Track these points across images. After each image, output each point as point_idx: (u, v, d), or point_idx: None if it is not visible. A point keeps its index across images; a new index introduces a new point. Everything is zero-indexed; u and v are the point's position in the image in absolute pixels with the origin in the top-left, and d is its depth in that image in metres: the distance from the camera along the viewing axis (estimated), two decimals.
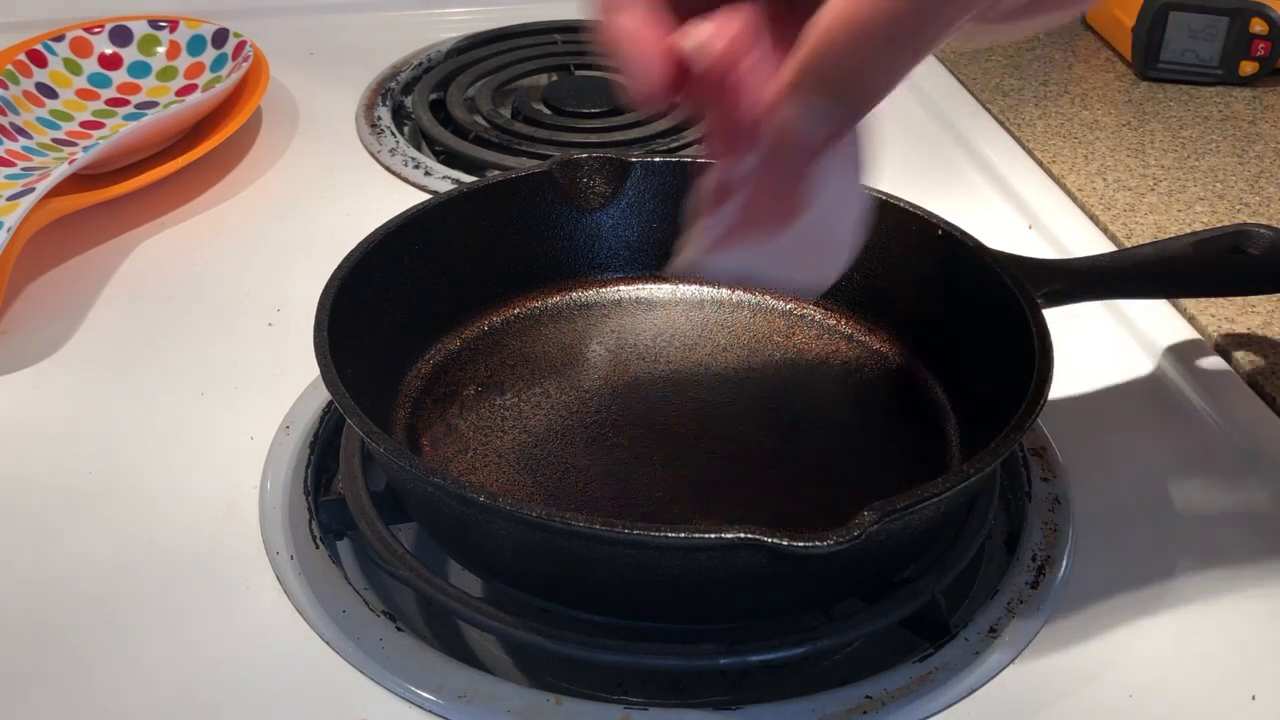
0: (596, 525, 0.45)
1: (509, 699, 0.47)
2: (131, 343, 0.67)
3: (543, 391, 0.60)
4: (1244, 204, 0.81)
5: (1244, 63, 0.95)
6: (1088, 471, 0.60)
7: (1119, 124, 0.91)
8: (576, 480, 0.55)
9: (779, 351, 0.64)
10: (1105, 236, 0.78)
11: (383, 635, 0.50)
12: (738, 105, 0.39)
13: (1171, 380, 0.66)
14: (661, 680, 0.51)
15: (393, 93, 0.93)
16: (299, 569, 0.53)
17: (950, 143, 0.89)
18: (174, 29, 0.90)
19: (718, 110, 0.41)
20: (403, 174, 0.83)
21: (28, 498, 0.57)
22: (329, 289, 0.55)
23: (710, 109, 0.41)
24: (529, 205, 0.65)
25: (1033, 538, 0.55)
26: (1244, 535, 0.57)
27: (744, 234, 0.44)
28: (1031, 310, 0.56)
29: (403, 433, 0.58)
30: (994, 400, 0.54)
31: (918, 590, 0.50)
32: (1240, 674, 0.50)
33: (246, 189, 0.81)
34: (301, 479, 0.57)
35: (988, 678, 0.49)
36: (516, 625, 0.48)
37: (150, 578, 0.53)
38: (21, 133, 0.81)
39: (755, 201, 0.43)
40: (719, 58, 0.39)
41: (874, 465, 0.57)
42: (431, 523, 0.52)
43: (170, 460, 0.59)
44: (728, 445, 0.58)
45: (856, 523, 0.43)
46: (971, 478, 0.48)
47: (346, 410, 0.49)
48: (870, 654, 0.53)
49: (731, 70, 0.39)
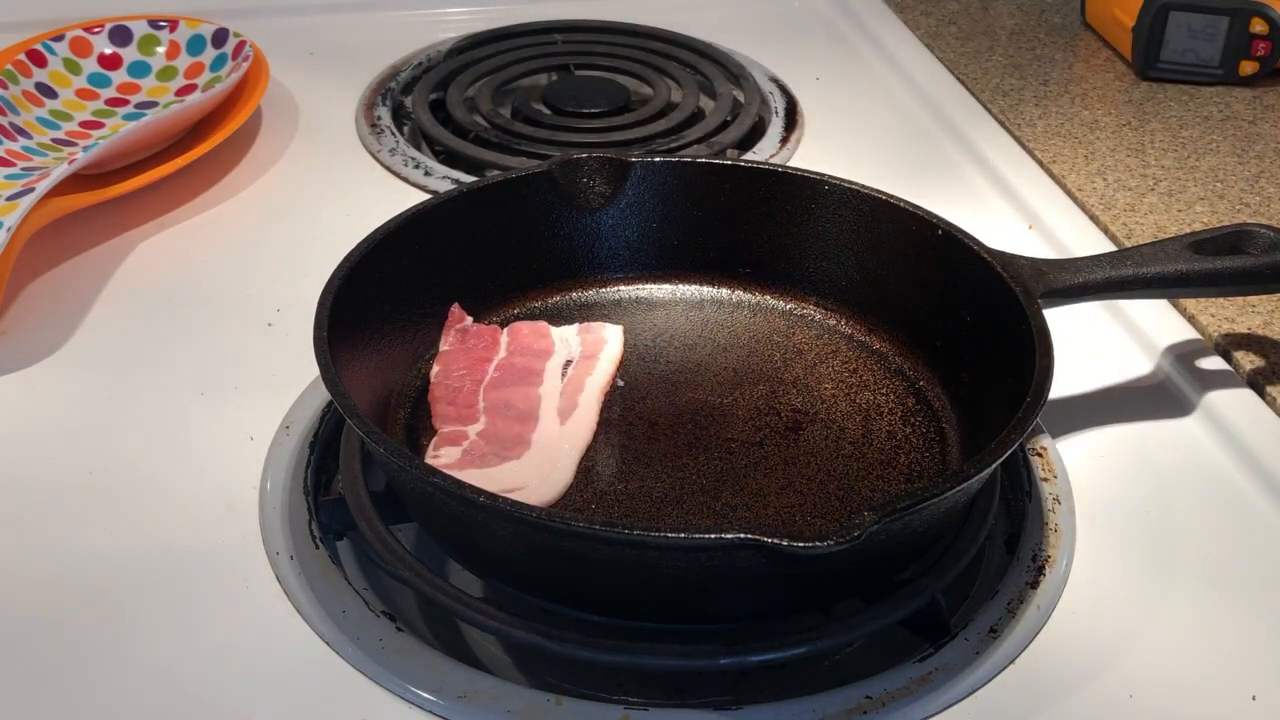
0: (596, 526, 0.45)
1: (509, 699, 0.47)
2: (131, 343, 0.67)
3: None
4: (1244, 204, 0.81)
5: (1244, 63, 0.95)
6: (1088, 471, 0.60)
7: (1119, 124, 0.91)
8: (576, 480, 0.55)
9: (779, 351, 0.64)
10: (1105, 236, 0.78)
11: (383, 635, 0.50)
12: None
13: (1171, 380, 0.66)
14: (661, 680, 0.51)
15: (393, 93, 0.93)
16: (299, 569, 0.53)
17: (950, 143, 0.89)
18: (174, 29, 0.90)
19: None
20: (403, 174, 0.83)
21: (28, 498, 0.57)
22: (329, 289, 0.55)
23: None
24: (529, 205, 0.65)
25: (1033, 538, 0.55)
26: (1244, 535, 0.57)
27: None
28: (1031, 310, 0.56)
29: (403, 433, 0.58)
30: (994, 400, 0.54)
31: (918, 590, 0.50)
32: (1240, 674, 0.50)
33: (246, 189, 0.81)
34: (301, 479, 0.57)
35: (988, 678, 0.49)
36: (516, 625, 0.48)
37: (150, 578, 0.53)
38: (21, 133, 0.81)
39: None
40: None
41: (874, 465, 0.57)
42: (431, 523, 0.52)
43: (170, 460, 0.59)
44: (728, 445, 0.58)
45: (856, 523, 0.43)
46: (971, 478, 0.48)
47: (346, 410, 0.49)
48: (870, 654, 0.53)
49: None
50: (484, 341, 0.62)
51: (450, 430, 0.57)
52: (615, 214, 0.67)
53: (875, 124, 0.92)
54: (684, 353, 0.64)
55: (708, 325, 0.66)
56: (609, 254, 0.68)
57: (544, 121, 0.89)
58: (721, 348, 0.64)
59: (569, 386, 0.60)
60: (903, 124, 0.92)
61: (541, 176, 0.65)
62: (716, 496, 0.55)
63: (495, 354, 0.61)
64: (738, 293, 0.67)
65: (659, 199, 0.66)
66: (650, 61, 0.97)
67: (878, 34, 1.04)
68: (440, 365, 0.60)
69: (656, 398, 0.61)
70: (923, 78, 0.97)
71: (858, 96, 0.96)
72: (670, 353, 0.64)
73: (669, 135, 0.87)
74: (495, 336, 0.63)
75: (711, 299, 0.67)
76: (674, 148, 0.85)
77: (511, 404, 0.58)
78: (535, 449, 0.56)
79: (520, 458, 0.56)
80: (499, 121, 0.88)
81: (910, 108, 0.94)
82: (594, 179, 0.66)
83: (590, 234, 0.67)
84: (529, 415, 0.58)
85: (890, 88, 0.97)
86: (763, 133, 0.89)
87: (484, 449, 0.56)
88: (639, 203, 0.67)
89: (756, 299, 0.67)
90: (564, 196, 0.66)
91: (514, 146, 0.85)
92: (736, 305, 0.67)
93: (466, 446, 0.56)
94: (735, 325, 0.66)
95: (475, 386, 0.59)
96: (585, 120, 0.89)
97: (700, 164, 0.67)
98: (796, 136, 0.89)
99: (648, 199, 0.67)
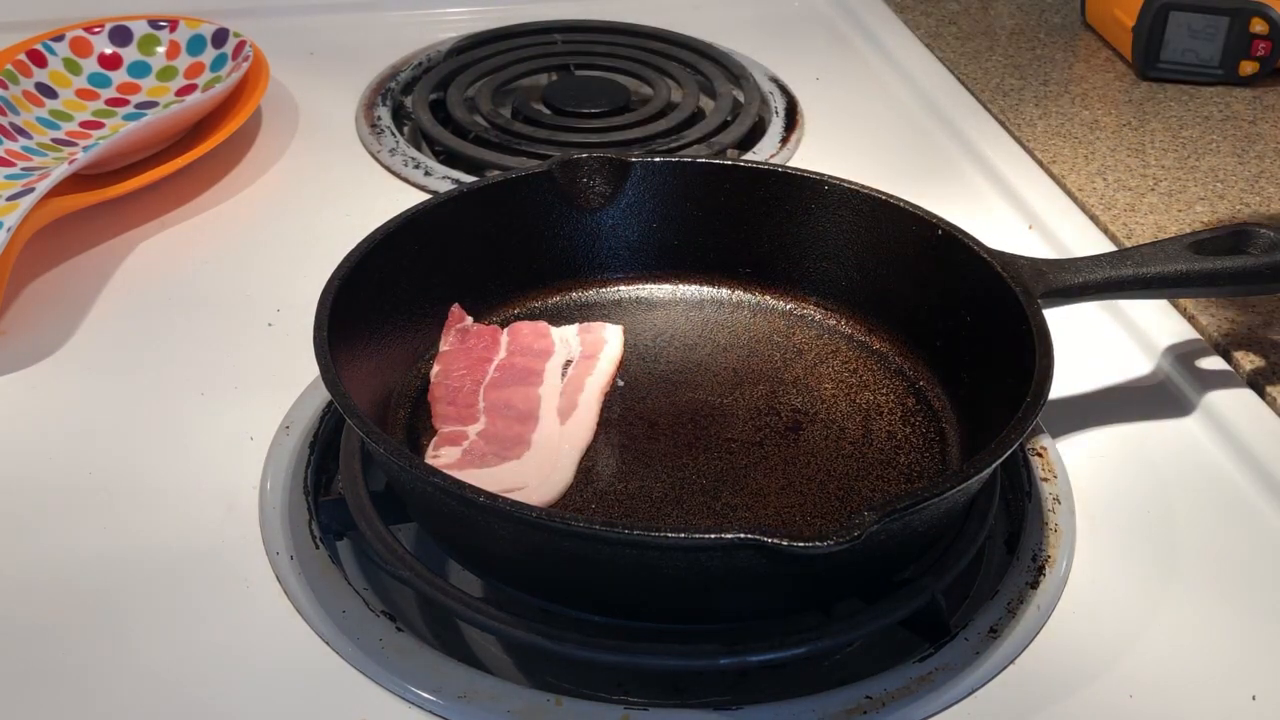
0: (596, 526, 0.45)
1: (509, 699, 0.47)
2: (131, 343, 0.67)
3: None
4: (1244, 204, 0.81)
5: (1244, 63, 0.95)
6: (1088, 472, 0.60)
7: (1119, 124, 0.91)
8: (576, 480, 0.55)
9: (779, 351, 0.64)
10: (1105, 236, 0.78)
11: (383, 635, 0.50)
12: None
13: (1171, 380, 0.66)
14: (661, 680, 0.51)
15: (393, 93, 0.93)
16: (299, 569, 0.53)
17: (950, 143, 0.89)
18: (174, 29, 0.89)
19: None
20: (403, 174, 0.83)
21: (28, 498, 0.57)
22: (329, 289, 0.55)
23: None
24: (529, 205, 0.65)
25: (1033, 538, 0.55)
26: (1244, 536, 0.57)
27: None
28: (1031, 310, 0.56)
29: (403, 433, 0.58)
30: (994, 400, 0.54)
31: (918, 590, 0.50)
32: (1240, 674, 0.50)
33: (246, 189, 0.81)
34: (301, 479, 0.57)
35: (988, 678, 0.49)
36: (516, 625, 0.48)
37: (150, 578, 0.53)
38: (21, 133, 0.81)
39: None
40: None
41: (874, 465, 0.57)
42: (431, 523, 0.52)
43: (170, 460, 0.59)
44: (728, 445, 0.58)
45: (856, 523, 0.43)
46: (971, 478, 0.48)
47: (346, 410, 0.49)
48: (870, 654, 0.53)
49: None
50: (484, 341, 0.62)
51: (450, 430, 0.57)
52: (615, 214, 0.67)
53: (875, 124, 0.92)
54: (684, 353, 0.64)
55: (708, 325, 0.66)
56: (609, 254, 0.68)
57: (544, 121, 0.89)
58: (721, 348, 0.64)
59: (569, 386, 0.60)
60: (903, 124, 0.92)
61: (541, 176, 0.65)
62: (716, 496, 0.55)
63: (495, 354, 0.61)
64: (738, 293, 0.67)
65: (659, 199, 0.66)
66: (650, 61, 0.97)
67: (878, 34, 1.04)
68: (440, 365, 0.60)
69: (656, 398, 0.61)
70: (923, 78, 0.97)
71: (858, 96, 0.96)
72: (670, 353, 0.64)
73: (669, 135, 0.87)
74: (495, 336, 0.63)
75: (711, 299, 0.67)
76: (674, 148, 0.85)
77: (511, 404, 0.58)
78: (535, 449, 0.56)
79: (520, 458, 0.56)
80: (499, 121, 0.88)
81: (910, 108, 0.94)
82: (594, 179, 0.66)
83: (590, 234, 0.67)
84: (529, 415, 0.58)
85: (890, 88, 0.97)
86: (763, 133, 0.89)
87: (484, 449, 0.56)
88: (639, 203, 0.67)
89: (756, 299, 0.67)
90: (564, 196, 0.66)
91: (514, 146, 0.85)
92: (736, 305, 0.67)
93: (466, 446, 0.56)
94: (735, 325, 0.66)
95: (475, 386, 0.59)
96: (585, 120, 0.89)
97: (700, 164, 0.67)
98: (796, 136, 0.89)
99: (648, 199, 0.67)
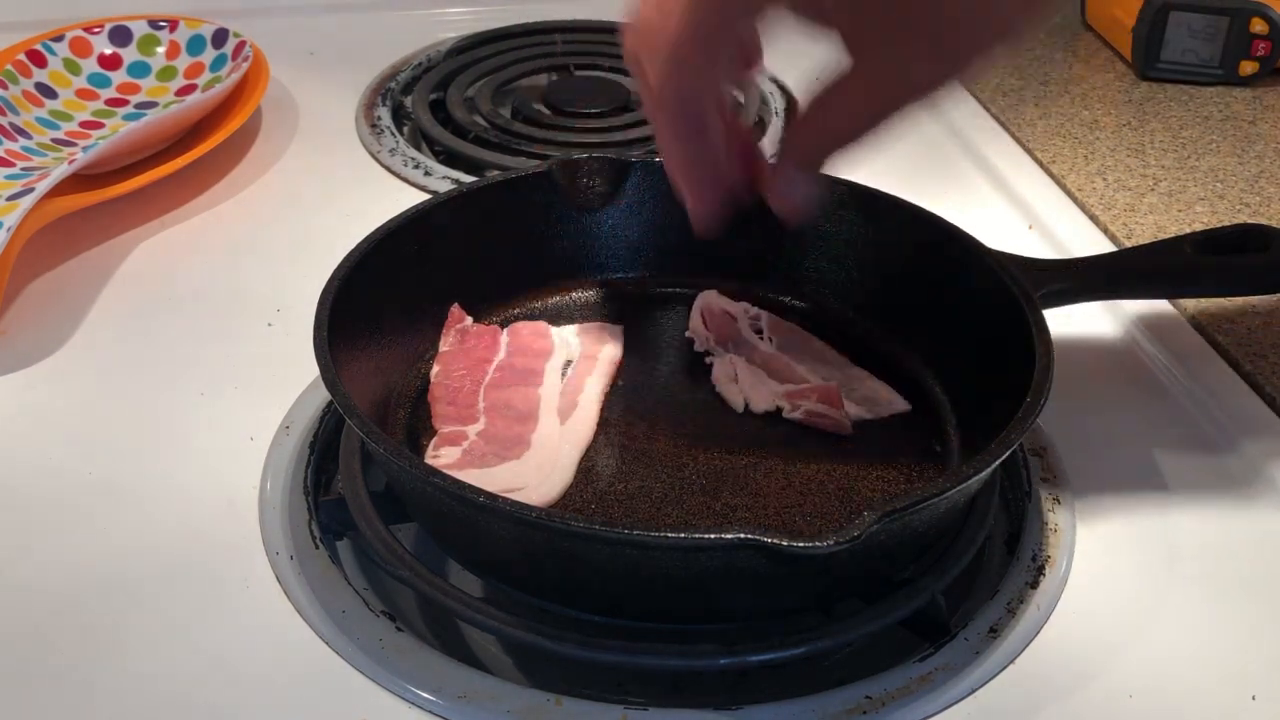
0: (596, 526, 0.45)
1: (509, 699, 0.47)
2: (131, 343, 0.67)
3: None
4: (1244, 204, 0.81)
5: (1244, 63, 0.95)
6: (1088, 471, 0.60)
7: (1119, 124, 0.91)
8: (576, 480, 0.55)
9: None
10: (1105, 236, 0.78)
11: (383, 635, 0.50)
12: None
13: (1172, 380, 0.66)
14: (661, 680, 0.51)
15: (393, 93, 0.93)
16: (299, 569, 0.53)
17: (950, 143, 0.89)
18: (174, 29, 0.89)
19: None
20: (403, 174, 0.82)
21: (27, 498, 0.57)
22: (329, 289, 0.55)
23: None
24: (529, 205, 0.65)
25: (1033, 538, 0.55)
26: (1244, 536, 0.57)
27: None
28: (1031, 310, 0.56)
29: (403, 433, 0.58)
30: (994, 400, 0.54)
31: (918, 590, 0.50)
32: (1240, 674, 0.50)
33: (246, 189, 0.81)
34: (301, 479, 0.57)
35: (988, 678, 0.49)
36: (516, 625, 0.48)
37: (150, 578, 0.53)
38: (21, 133, 0.81)
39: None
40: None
41: (874, 465, 0.57)
42: (431, 523, 0.52)
43: (170, 460, 0.59)
44: (728, 445, 0.58)
45: (856, 523, 0.43)
46: (971, 478, 0.48)
47: (346, 410, 0.49)
48: (870, 654, 0.53)
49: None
50: (484, 342, 0.62)
51: (450, 430, 0.57)
52: (615, 214, 0.67)
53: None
54: (684, 353, 0.64)
55: None
56: (609, 254, 0.68)
57: (544, 121, 0.89)
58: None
59: (569, 386, 0.60)
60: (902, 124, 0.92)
61: (541, 176, 0.65)
62: (716, 496, 0.55)
63: (495, 354, 0.61)
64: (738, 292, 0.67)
65: (659, 199, 0.66)
66: None
67: None
68: (440, 365, 0.60)
69: (656, 398, 0.61)
70: None
71: None
72: (670, 353, 0.64)
73: None
74: (495, 337, 0.62)
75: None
76: None
77: (511, 404, 0.58)
78: (535, 449, 0.56)
79: (520, 458, 0.56)
80: (499, 121, 0.88)
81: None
82: (594, 179, 0.66)
83: (590, 234, 0.67)
84: (529, 415, 0.58)
85: None
86: (763, 133, 0.89)
87: (484, 449, 0.56)
88: (639, 203, 0.67)
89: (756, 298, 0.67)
90: (564, 196, 0.66)
91: (514, 146, 0.85)
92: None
93: (466, 446, 0.56)
94: None
95: (475, 387, 0.59)
96: (585, 120, 0.89)
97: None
98: None
99: (648, 199, 0.67)
